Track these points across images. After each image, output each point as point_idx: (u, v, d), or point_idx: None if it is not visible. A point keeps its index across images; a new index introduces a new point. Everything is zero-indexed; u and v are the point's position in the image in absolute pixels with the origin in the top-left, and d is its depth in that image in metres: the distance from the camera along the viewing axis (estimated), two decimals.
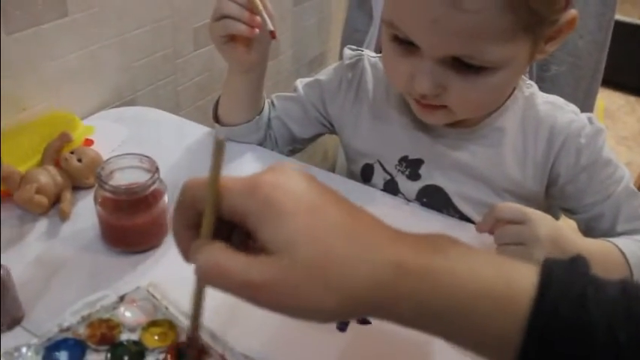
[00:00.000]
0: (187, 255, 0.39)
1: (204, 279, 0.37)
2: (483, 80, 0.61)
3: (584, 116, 0.72)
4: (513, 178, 0.73)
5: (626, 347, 0.33)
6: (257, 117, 0.83)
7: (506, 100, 0.72)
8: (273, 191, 0.35)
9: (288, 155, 0.90)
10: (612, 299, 0.35)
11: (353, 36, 1.45)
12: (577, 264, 0.37)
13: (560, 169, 0.71)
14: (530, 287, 0.35)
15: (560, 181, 0.72)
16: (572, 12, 0.61)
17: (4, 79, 0.76)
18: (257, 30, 0.71)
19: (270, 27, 0.70)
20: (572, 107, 0.73)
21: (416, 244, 0.37)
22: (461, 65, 0.60)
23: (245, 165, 0.81)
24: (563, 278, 0.36)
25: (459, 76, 0.61)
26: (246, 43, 0.74)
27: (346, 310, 0.36)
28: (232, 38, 0.73)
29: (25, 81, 0.79)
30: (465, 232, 0.70)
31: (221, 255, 0.36)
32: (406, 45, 0.62)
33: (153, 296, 0.57)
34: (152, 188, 0.61)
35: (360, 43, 1.43)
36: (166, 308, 0.56)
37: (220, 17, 0.70)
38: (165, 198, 0.64)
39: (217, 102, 0.85)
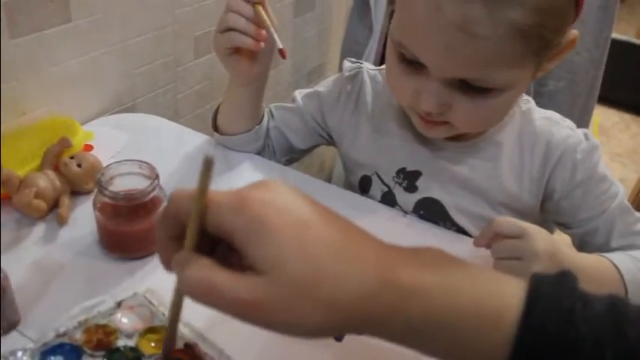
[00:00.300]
0: (168, 265, 0.39)
1: (191, 295, 0.35)
2: (489, 101, 0.62)
3: (580, 132, 0.73)
4: (510, 192, 0.74)
5: None
6: (257, 127, 0.84)
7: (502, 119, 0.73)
8: (262, 209, 0.35)
9: (285, 165, 0.90)
10: (600, 315, 0.35)
11: (353, 48, 1.46)
12: (565, 279, 0.37)
13: (556, 184, 0.72)
14: (518, 302, 0.36)
15: (555, 196, 0.73)
16: (574, 32, 0.62)
17: (5, 83, 0.76)
18: (262, 43, 0.71)
19: (280, 45, 0.69)
20: (569, 123, 0.74)
21: (405, 259, 0.37)
22: (468, 87, 0.61)
23: (244, 173, 0.81)
24: (551, 293, 0.36)
25: (465, 97, 0.62)
26: (250, 56, 0.74)
27: (334, 326, 0.35)
28: (236, 51, 0.73)
29: (26, 85, 0.79)
30: (461, 245, 0.70)
31: (209, 271, 0.35)
32: (413, 64, 0.62)
33: (150, 302, 0.57)
34: (151, 195, 0.61)
35: (359, 56, 1.44)
36: (163, 315, 0.56)
37: (226, 29, 0.70)
38: (165, 203, 0.64)
39: (217, 111, 0.85)
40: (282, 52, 0.70)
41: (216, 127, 0.85)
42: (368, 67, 0.84)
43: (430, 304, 0.36)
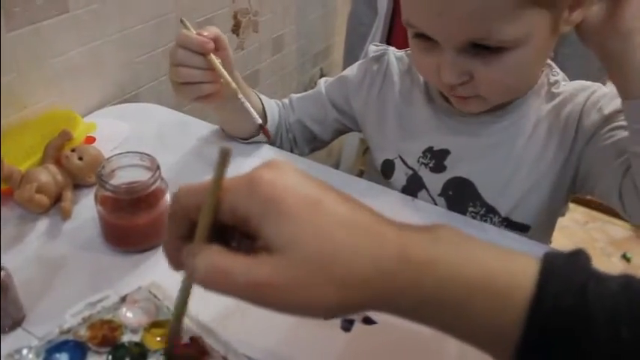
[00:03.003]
0: (178, 265, 0.39)
1: (204, 283, 0.35)
2: (505, 60, 0.61)
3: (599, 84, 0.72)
4: (540, 162, 0.72)
5: (629, 343, 0.33)
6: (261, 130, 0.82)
7: (532, 83, 0.72)
8: (275, 189, 0.35)
9: (308, 154, 0.90)
10: (614, 293, 0.34)
11: (358, 30, 1.44)
12: (578, 257, 0.37)
13: (585, 132, 0.70)
14: (531, 278, 0.35)
15: (588, 143, 0.70)
16: None
17: (4, 77, 0.75)
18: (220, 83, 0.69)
19: (259, 120, 0.66)
20: (595, 86, 0.72)
21: (418, 235, 0.37)
22: (480, 51, 0.61)
23: (251, 162, 0.80)
24: (564, 270, 0.35)
25: (480, 61, 0.62)
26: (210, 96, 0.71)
27: (350, 303, 0.35)
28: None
29: (26, 79, 0.78)
30: (471, 231, 0.68)
31: (221, 257, 0.35)
32: (427, 40, 0.64)
33: (155, 296, 0.56)
34: (153, 187, 0.60)
35: (364, 37, 1.41)
36: (168, 309, 0.55)
37: (178, 64, 0.68)
38: (167, 197, 0.63)
39: None
40: (265, 132, 0.67)
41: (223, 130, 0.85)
42: (393, 49, 0.84)
43: (443, 280, 0.35)
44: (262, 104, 0.83)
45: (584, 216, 2.07)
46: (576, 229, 2.06)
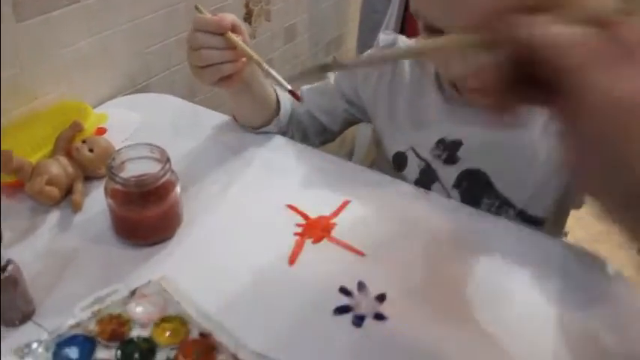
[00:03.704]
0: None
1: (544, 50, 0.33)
2: None
3: None
4: (548, 149, 0.70)
5: None
6: (275, 119, 0.81)
7: None
8: None
9: (319, 145, 0.89)
10: None
11: (371, 17, 1.42)
12: None
13: None
14: None
15: None
16: None
17: (14, 68, 0.75)
18: (243, 60, 0.68)
19: (288, 86, 0.65)
20: None
21: None
22: None
23: (262, 153, 0.79)
24: None
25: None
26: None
27: None
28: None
29: (36, 69, 0.78)
30: (484, 225, 0.67)
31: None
32: (436, 31, 0.62)
33: (165, 290, 0.56)
34: (163, 180, 0.60)
35: (378, 25, 1.40)
36: (178, 303, 0.55)
37: (198, 48, 0.66)
38: (178, 189, 0.62)
39: None
40: (295, 95, 0.66)
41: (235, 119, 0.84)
42: (403, 38, 0.82)
43: None
44: (276, 94, 0.82)
45: None
46: (593, 221, 2.03)
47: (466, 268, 0.62)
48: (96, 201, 0.68)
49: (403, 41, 0.82)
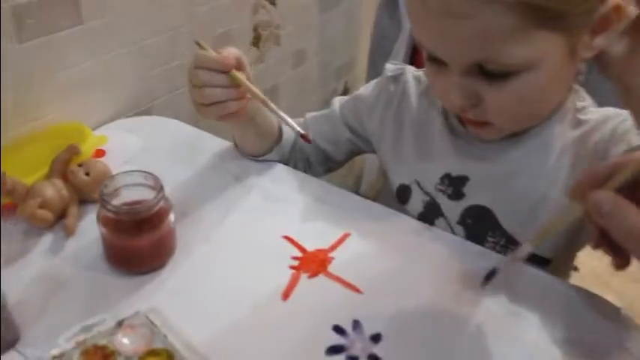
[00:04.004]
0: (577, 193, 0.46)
1: (630, 242, 0.42)
2: (513, 85, 0.58)
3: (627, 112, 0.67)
4: (560, 190, 0.68)
5: None
6: (276, 147, 0.80)
7: (556, 108, 0.68)
8: None
9: (323, 174, 0.87)
10: None
11: (382, 43, 1.41)
12: None
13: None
14: None
15: None
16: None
17: (16, 88, 0.74)
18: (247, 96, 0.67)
19: (296, 127, 0.64)
20: (625, 113, 0.67)
21: None
22: (486, 73, 0.58)
23: (264, 183, 0.78)
24: None
25: (488, 86, 0.59)
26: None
27: None
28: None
29: (37, 91, 0.77)
30: (486, 263, 0.65)
31: (624, 200, 0.42)
32: (438, 61, 0.61)
33: (152, 322, 0.54)
34: (156, 208, 0.58)
35: (389, 51, 1.39)
36: (165, 336, 0.53)
37: (201, 85, 0.66)
38: (171, 217, 0.61)
39: None
40: (304, 137, 0.65)
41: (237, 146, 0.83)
42: (411, 68, 0.81)
43: None
44: (279, 123, 0.81)
45: None
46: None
47: (468, 308, 0.59)
48: (90, 225, 0.66)
49: (411, 72, 0.80)
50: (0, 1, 0.68)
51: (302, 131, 0.65)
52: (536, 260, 0.70)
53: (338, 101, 0.86)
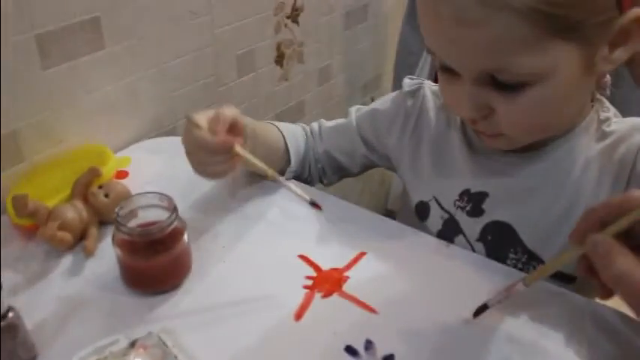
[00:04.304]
0: (578, 237, 0.49)
1: (617, 286, 0.45)
2: (526, 97, 0.57)
3: None
4: (586, 204, 0.65)
5: None
6: (287, 170, 0.82)
7: (578, 120, 0.66)
8: None
9: (337, 182, 0.88)
10: None
11: (407, 59, 1.41)
12: None
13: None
14: None
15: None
16: (636, 11, 0.54)
17: (41, 113, 0.76)
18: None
19: (307, 198, 0.68)
20: None
21: None
22: (498, 84, 0.57)
23: (277, 201, 0.78)
24: None
25: (500, 96, 0.58)
26: None
27: None
28: None
29: (62, 115, 0.79)
30: (508, 280, 0.63)
31: (638, 270, 0.44)
32: (450, 71, 0.61)
33: (163, 343, 0.55)
34: (169, 229, 0.59)
35: (414, 66, 1.38)
36: (175, 357, 0.53)
37: (203, 164, 0.69)
38: (185, 238, 0.62)
39: None
40: (316, 206, 0.68)
41: None
42: (429, 83, 0.80)
43: None
44: (284, 139, 0.81)
45: None
46: None
47: (487, 328, 0.57)
48: (109, 246, 0.67)
49: (429, 87, 0.79)
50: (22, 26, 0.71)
51: (314, 201, 0.66)
52: (560, 277, 0.68)
53: (355, 111, 0.85)
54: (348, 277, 0.64)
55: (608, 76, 0.68)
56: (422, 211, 0.77)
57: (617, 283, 0.45)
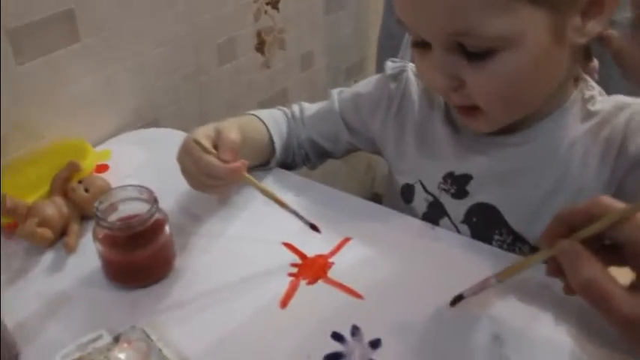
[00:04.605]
0: (547, 240, 0.50)
1: (584, 293, 0.44)
2: (494, 64, 0.56)
3: None
4: (575, 187, 0.65)
5: None
6: (272, 159, 0.81)
7: (562, 99, 0.66)
8: None
9: (320, 165, 0.88)
10: None
11: (389, 42, 1.39)
12: None
13: (630, 155, 0.62)
14: None
15: (636, 166, 0.62)
16: None
17: (16, 109, 0.75)
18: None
19: (309, 221, 0.66)
20: (638, 102, 0.64)
21: None
22: (466, 52, 0.57)
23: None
24: None
25: (469, 64, 0.57)
26: None
27: None
28: None
29: (38, 110, 0.78)
30: (493, 261, 0.63)
31: (604, 278, 0.44)
32: (422, 45, 0.60)
33: (148, 337, 0.54)
34: (150, 222, 0.58)
35: (396, 50, 1.37)
36: (160, 351, 0.52)
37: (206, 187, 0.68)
38: (167, 229, 0.61)
39: None
40: (316, 229, 0.66)
41: None
42: (412, 66, 0.79)
43: None
44: (268, 130, 0.80)
45: None
46: None
47: (475, 310, 0.57)
48: (91, 242, 0.66)
49: (412, 69, 0.79)
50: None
51: (313, 224, 0.66)
52: None
53: (337, 94, 0.84)
54: (332, 263, 0.64)
55: (595, 61, 0.67)
56: (407, 194, 0.76)
57: (584, 290, 0.45)
